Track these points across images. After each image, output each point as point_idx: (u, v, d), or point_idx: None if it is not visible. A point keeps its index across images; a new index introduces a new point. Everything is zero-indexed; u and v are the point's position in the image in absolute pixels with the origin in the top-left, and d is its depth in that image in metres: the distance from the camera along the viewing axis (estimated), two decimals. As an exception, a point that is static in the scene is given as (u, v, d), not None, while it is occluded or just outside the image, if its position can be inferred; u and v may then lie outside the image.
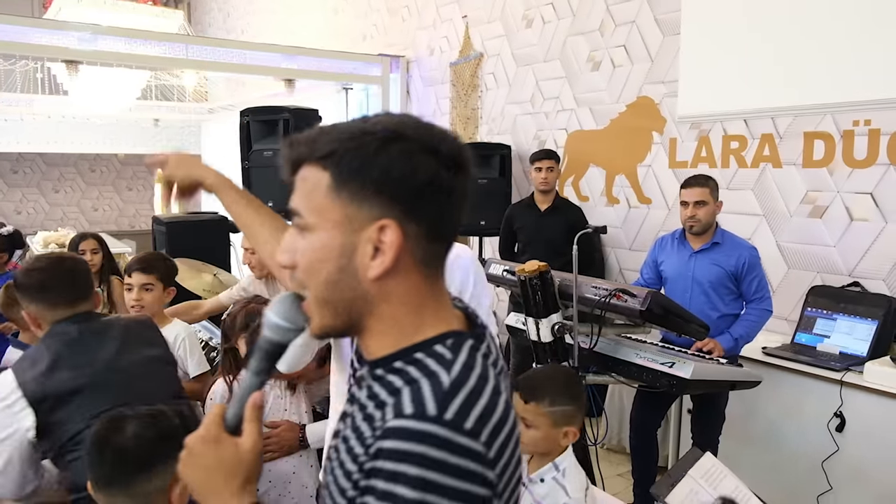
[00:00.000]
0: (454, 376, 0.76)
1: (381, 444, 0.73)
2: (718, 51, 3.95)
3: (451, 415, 0.73)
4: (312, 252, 0.81)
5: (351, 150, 0.78)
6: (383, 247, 0.78)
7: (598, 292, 2.68)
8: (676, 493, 1.94)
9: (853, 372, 3.05)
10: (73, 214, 12.54)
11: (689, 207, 3.17)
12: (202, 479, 0.85)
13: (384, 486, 0.71)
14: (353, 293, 0.80)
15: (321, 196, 0.79)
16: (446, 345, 0.80)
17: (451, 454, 0.71)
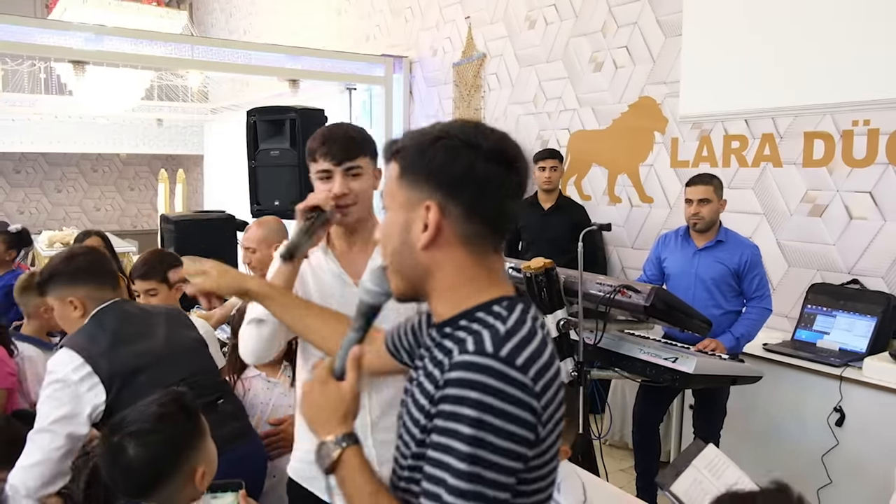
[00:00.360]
0: (509, 327, 0.95)
1: (448, 376, 0.91)
2: (719, 52, 4.01)
3: (505, 353, 0.91)
4: (386, 228, 1.03)
5: (412, 147, 1.00)
6: (428, 223, 0.97)
7: (602, 288, 2.73)
8: (681, 483, 1.99)
9: (852, 367, 3.10)
10: (76, 214, 12.58)
11: (693, 205, 3.23)
12: (315, 413, 1.06)
13: (450, 408, 0.89)
14: (411, 261, 1.01)
15: (393, 183, 1.02)
16: (502, 305, 0.99)
17: (504, 383, 0.89)
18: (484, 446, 0.87)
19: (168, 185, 8.78)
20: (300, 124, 4.30)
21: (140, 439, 1.37)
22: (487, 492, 0.88)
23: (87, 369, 1.81)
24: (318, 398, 1.06)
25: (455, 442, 0.88)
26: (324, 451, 1.02)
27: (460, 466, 0.87)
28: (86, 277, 1.96)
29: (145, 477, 1.38)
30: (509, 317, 0.96)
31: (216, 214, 4.91)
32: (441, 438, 0.90)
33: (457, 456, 0.87)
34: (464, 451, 0.87)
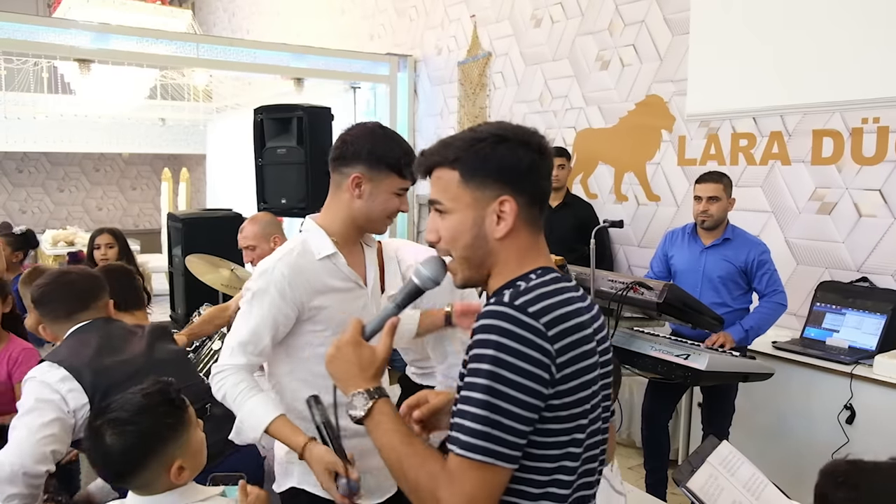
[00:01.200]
0: (530, 285, 1.10)
1: (475, 325, 1.08)
2: (727, 49, 4.00)
3: (519, 302, 1.06)
4: (454, 227, 1.16)
5: (472, 154, 1.14)
6: (504, 215, 1.14)
7: (614, 285, 2.73)
8: (697, 479, 1.99)
9: (863, 365, 3.10)
10: (78, 214, 12.57)
11: (703, 202, 3.22)
12: (345, 369, 1.19)
13: (475, 351, 1.06)
14: (483, 251, 1.16)
15: (455, 188, 1.15)
16: (536, 273, 1.15)
17: (517, 326, 1.04)
18: (498, 379, 1.02)
19: (171, 184, 8.77)
20: (307, 122, 4.29)
21: (117, 428, 1.40)
22: (500, 419, 1.01)
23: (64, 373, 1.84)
24: (350, 356, 1.19)
25: (478, 378, 1.03)
26: (357, 402, 1.15)
27: (479, 396, 1.02)
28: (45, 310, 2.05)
29: (119, 465, 1.41)
30: (536, 280, 1.12)
31: (224, 213, 4.90)
32: (468, 378, 1.05)
33: (478, 389, 1.02)
34: (482, 384, 1.02)
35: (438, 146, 1.18)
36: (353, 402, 1.16)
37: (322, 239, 1.74)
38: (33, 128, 9.80)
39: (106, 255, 3.56)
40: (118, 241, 3.63)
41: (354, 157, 1.71)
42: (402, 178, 1.73)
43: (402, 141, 1.79)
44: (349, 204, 1.74)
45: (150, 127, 10.48)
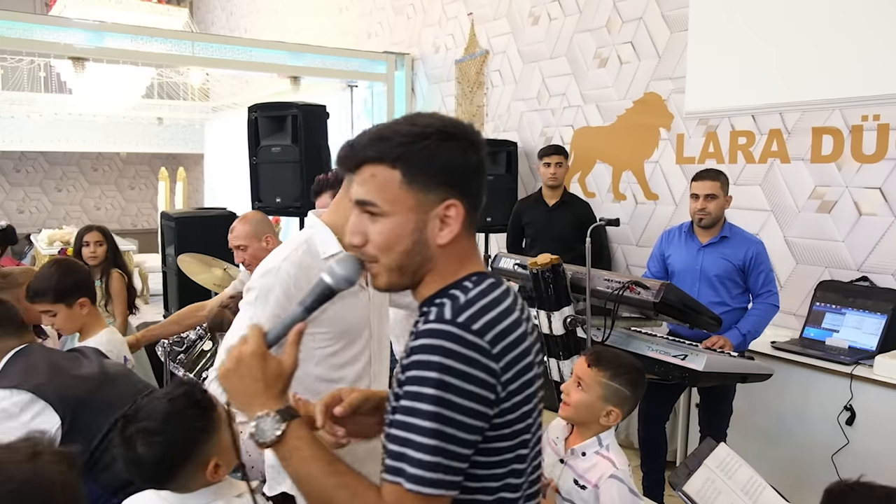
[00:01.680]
0: (469, 297, 1.03)
1: (413, 344, 0.99)
2: (726, 46, 3.96)
3: (462, 319, 0.99)
4: (391, 232, 1.04)
5: (416, 153, 1.02)
6: (449, 220, 1.05)
7: (610, 285, 2.69)
8: (694, 482, 1.95)
9: (863, 365, 3.06)
10: (76, 213, 12.54)
11: (700, 200, 3.18)
12: (248, 386, 1.04)
13: (415, 373, 0.97)
14: (422, 257, 1.06)
15: (395, 189, 1.03)
16: (471, 280, 1.07)
17: (462, 346, 0.97)
18: (446, 405, 0.94)
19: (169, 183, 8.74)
20: (302, 120, 4.26)
21: (147, 438, 1.37)
22: (449, 447, 0.95)
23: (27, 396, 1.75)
24: (253, 370, 1.04)
25: (420, 403, 0.95)
26: (264, 426, 1.01)
27: (427, 425, 0.94)
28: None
29: (152, 473, 1.39)
30: (473, 289, 1.05)
31: (217, 211, 4.87)
32: (407, 402, 0.96)
33: (423, 415, 0.94)
34: (429, 411, 0.94)
35: (372, 139, 1.05)
36: (259, 426, 1.01)
37: (328, 236, 1.70)
38: (30, 127, 9.77)
39: (95, 252, 3.52)
40: (107, 238, 3.59)
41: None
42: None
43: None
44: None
45: (147, 126, 10.46)
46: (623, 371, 1.80)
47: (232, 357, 1.06)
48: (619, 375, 1.79)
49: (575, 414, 1.80)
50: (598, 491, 1.73)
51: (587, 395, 1.78)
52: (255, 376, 1.04)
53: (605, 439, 1.79)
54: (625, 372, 1.80)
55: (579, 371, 1.82)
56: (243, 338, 1.07)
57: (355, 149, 1.05)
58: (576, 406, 1.79)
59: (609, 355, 1.85)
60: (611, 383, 1.78)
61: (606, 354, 1.85)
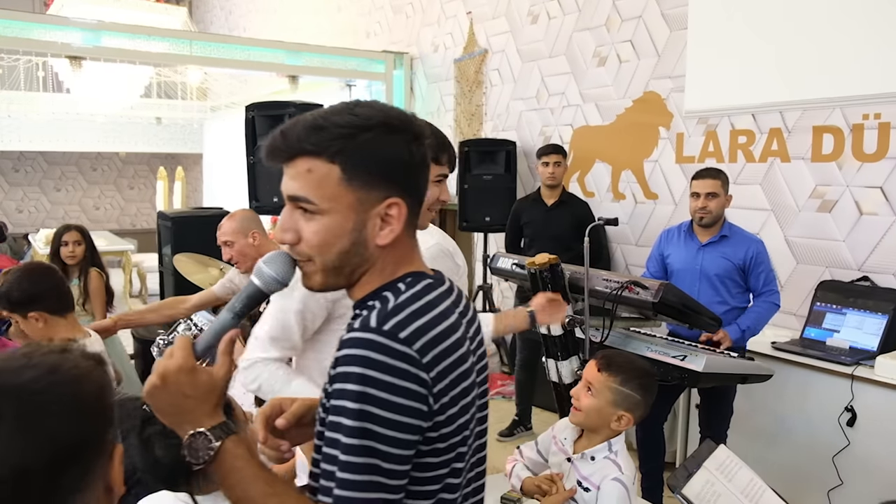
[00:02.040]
0: (399, 301, 0.96)
1: (337, 354, 0.93)
2: (726, 45, 3.94)
3: (388, 327, 0.92)
4: (328, 231, 0.96)
5: (358, 147, 0.94)
6: (390, 219, 0.98)
7: (609, 285, 2.66)
8: (693, 485, 1.92)
9: (864, 366, 3.04)
10: (75, 213, 12.52)
11: (701, 199, 3.16)
12: (177, 403, 0.95)
13: (338, 386, 0.90)
14: (360, 258, 0.99)
15: (333, 186, 0.95)
16: (405, 281, 1.00)
17: (386, 356, 0.89)
18: (371, 419, 0.88)
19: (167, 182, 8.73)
20: (299, 119, 4.23)
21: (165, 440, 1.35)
22: (381, 464, 0.88)
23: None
24: (183, 386, 0.95)
25: (343, 418, 0.89)
26: (199, 443, 0.94)
27: (350, 441, 0.88)
28: None
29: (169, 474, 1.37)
30: (406, 291, 0.98)
31: (214, 211, 4.85)
32: (333, 417, 0.90)
33: (345, 432, 0.88)
34: (351, 426, 0.88)
35: (307, 129, 0.95)
36: (190, 446, 0.94)
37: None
38: (29, 127, 9.76)
39: (74, 252, 3.53)
40: (85, 238, 3.59)
41: None
42: (437, 164, 1.71)
43: (436, 129, 1.76)
44: None
45: (146, 126, 10.44)
46: (634, 376, 1.77)
47: (157, 373, 0.96)
48: (630, 380, 1.76)
49: (586, 419, 1.78)
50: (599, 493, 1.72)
51: (597, 401, 1.75)
52: (184, 392, 0.95)
53: (615, 444, 1.77)
54: (636, 377, 1.77)
55: (589, 376, 1.79)
56: (169, 351, 0.98)
57: (289, 139, 0.96)
58: (587, 411, 1.76)
59: (620, 360, 1.82)
60: (622, 388, 1.75)
61: (617, 359, 1.82)
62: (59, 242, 3.57)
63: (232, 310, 1.03)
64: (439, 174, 1.71)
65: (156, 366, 0.97)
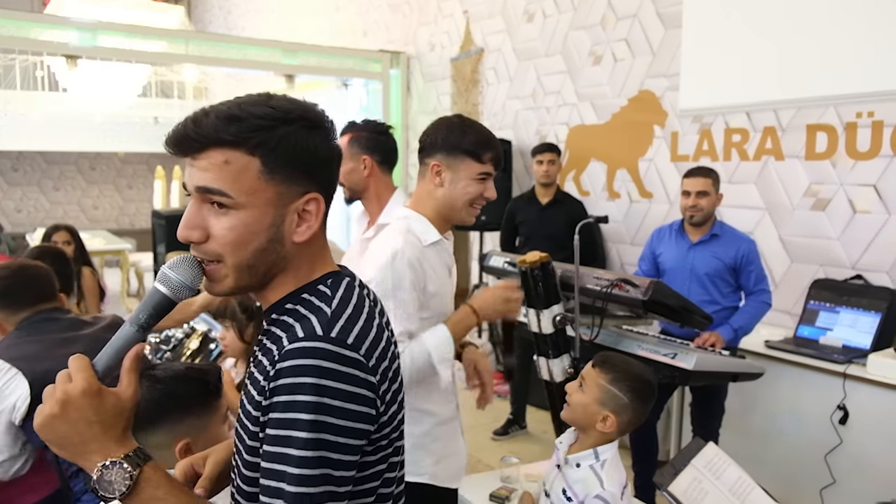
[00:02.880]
0: (334, 307, 0.92)
1: (280, 366, 0.86)
2: (720, 44, 3.93)
3: (335, 333, 0.88)
4: (244, 227, 0.90)
5: (279, 140, 0.90)
6: (308, 216, 0.94)
7: (599, 283, 2.66)
8: (679, 482, 1.92)
9: (856, 364, 3.03)
10: (74, 213, 12.53)
11: (692, 197, 3.16)
12: (81, 431, 0.86)
13: (286, 398, 0.84)
14: (275, 256, 0.94)
15: (252, 179, 0.90)
16: (326, 283, 0.97)
17: (338, 363, 0.86)
18: (326, 429, 0.84)
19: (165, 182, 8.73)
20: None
21: (150, 382, 1.43)
22: (333, 473, 0.85)
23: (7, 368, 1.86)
24: (86, 412, 0.85)
25: (295, 431, 0.84)
26: (113, 475, 0.85)
27: (304, 454, 0.83)
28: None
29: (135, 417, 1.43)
30: (334, 296, 0.95)
31: (209, 210, 4.85)
32: (279, 431, 0.85)
33: (298, 444, 0.83)
34: (305, 438, 0.83)
35: (222, 119, 0.89)
36: (103, 478, 0.85)
37: (427, 226, 1.78)
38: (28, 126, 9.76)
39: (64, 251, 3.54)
40: (74, 237, 3.61)
41: (432, 147, 1.78)
42: (480, 162, 1.77)
43: (481, 127, 1.82)
44: (433, 193, 1.79)
45: (144, 126, 10.45)
46: (626, 377, 1.73)
47: (55, 400, 0.85)
48: (620, 381, 1.72)
49: (572, 414, 1.75)
50: None
51: (585, 397, 1.73)
52: (88, 418, 0.85)
53: (602, 453, 1.71)
54: (627, 378, 1.72)
55: (584, 371, 1.77)
56: (64, 374, 0.88)
57: (203, 128, 0.89)
58: (573, 406, 1.74)
59: (617, 360, 1.78)
60: (609, 387, 1.71)
61: (615, 359, 1.78)
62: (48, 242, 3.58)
63: (136, 322, 0.92)
64: (483, 172, 1.77)
65: (50, 392, 0.87)
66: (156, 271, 5.04)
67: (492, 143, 1.79)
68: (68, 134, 10.08)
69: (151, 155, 12.29)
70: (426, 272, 1.73)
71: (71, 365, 0.88)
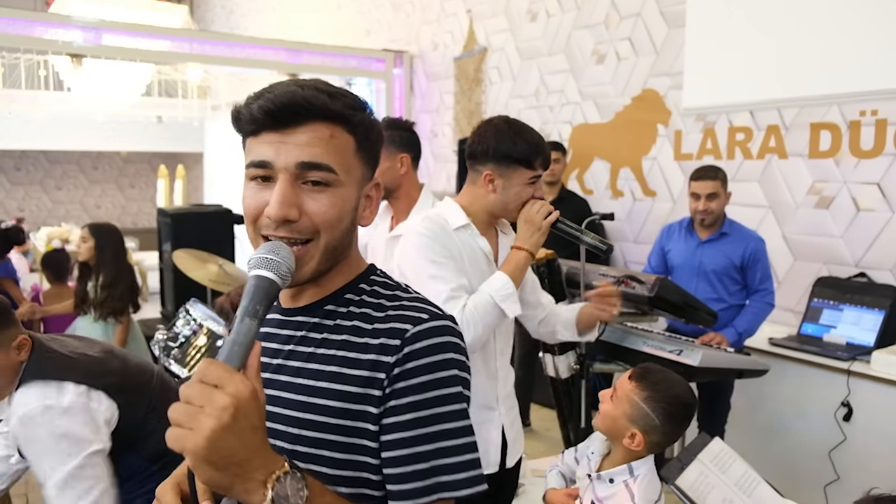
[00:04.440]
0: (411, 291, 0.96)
1: (412, 348, 0.86)
2: (724, 42, 3.95)
3: (447, 311, 0.93)
4: (343, 204, 0.90)
5: (367, 121, 0.93)
6: (370, 202, 0.97)
7: (606, 279, 2.67)
8: (686, 476, 1.93)
9: (860, 361, 3.04)
10: (76, 212, 12.55)
11: (702, 200, 3.14)
12: (247, 442, 0.72)
13: (428, 377, 0.85)
14: (350, 239, 0.94)
15: (350, 157, 0.91)
16: (377, 274, 0.99)
17: (458, 338, 0.91)
18: (465, 399, 0.89)
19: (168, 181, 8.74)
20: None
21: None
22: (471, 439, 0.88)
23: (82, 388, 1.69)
24: (253, 418, 0.72)
25: (448, 406, 0.86)
26: (287, 489, 0.74)
27: (462, 424, 0.86)
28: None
29: None
30: (399, 283, 0.98)
31: (213, 208, 4.87)
32: (426, 411, 0.85)
33: (455, 417, 0.86)
34: (460, 410, 0.87)
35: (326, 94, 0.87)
36: (280, 494, 0.73)
37: (457, 212, 1.82)
38: (31, 126, 9.78)
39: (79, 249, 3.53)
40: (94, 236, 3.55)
41: (483, 155, 1.81)
42: (531, 169, 1.81)
43: (530, 133, 1.85)
44: (485, 197, 1.83)
45: (147, 125, 10.47)
46: (662, 398, 1.58)
47: (219, 408, 0.70)
48: (655, 401, 1.57)
49: (601, 423, 1.65)
50: None
51: (614, 409, 1.61)
52: (255, 425, 0.73)
53: (637, 469, 1.60)
54: (664, 400, 1.58)
55: (619, 382, 1.65)
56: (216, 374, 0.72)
57: (312, 99, 0.86)
58: (602, 416, 1.64)
59: (658, 376, 1.63)
60: (642, 404, 1.58)
61: (655, 374, 1.63)
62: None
63: (251, 314, 0.80)
64: (534, 176, 1.82)
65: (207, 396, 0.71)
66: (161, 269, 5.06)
67: (541, 148, 1.83)
68: (71, 133, 10.10)
69: (154, 154, 12.32)
70: (450, 250, 1.75)
71: (217, 370, 0.72)
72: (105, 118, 9.68)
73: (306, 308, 0.95)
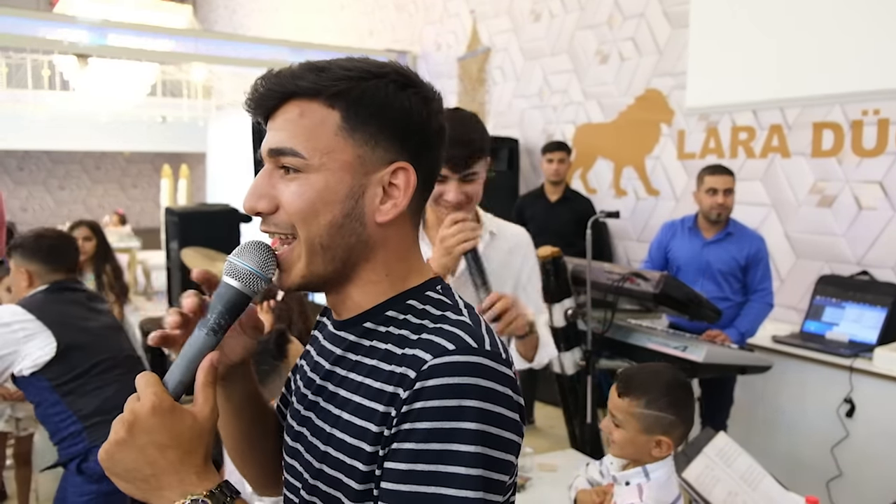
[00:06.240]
0: (468, 314, 0.77)
1: (423, 384, 0.69)
2: (727, 42, 3.97)
3: (488, 346, 0.72)
4: (315, 194, 0.75)
5: (365, 91, 0.75)
6: (394, 191, 0.77)
7: (611, 277, 2.70)
8: (692, 470, 1.96)
9: (863, 358, 3.07)
10: (79, 212, 12.57)
11: (720, 195, 3.17)
12: (151, 459, 0.69)
13: (434, 425, 0.68)
14: (355, 238, 0.77)
15: (328, 136, 0.75)
16: (437, 290, 0.81)
17: (499, 383, 0.70)
18: (489, 465, 0.68)
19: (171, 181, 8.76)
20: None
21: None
22: None
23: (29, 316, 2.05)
24: (157, 434, 0.69)
25: (452, 466, 0.67)
26: None
27: (465, 494, 0.67)
28: (42, 257, 2.20)
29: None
30: (456, 303, 0.79)
31: (220, 207, 4.90)
32: (425, 465, 0.68)
33: (457, 483, 0.67)
34: (466, 475, 0.67)
35: (303, 69, 0.76)
36: None
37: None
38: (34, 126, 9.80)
39: (83, 247, 3.57)
40: (96, 234, 3.63)
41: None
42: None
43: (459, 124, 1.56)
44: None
45: (150, 125, 10.48)
46: (660, 394, 1.52)
47: (121, 422, 0.70)
48: (656, 400, 1.51)
49: (623, 453, 1.56)
50: None
51: (627, 432, 1.52)
52: (160, 443, 0.69)
53: (652, 471, 1.53)
54: (663, 394, 1.52)
55: (612, 405, 1.56)
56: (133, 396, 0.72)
57: (281, 77, 0.76)
58: (620, 445, 1.54)
59: (640, 379, 1.56)
60: (649, 412, 1.51)
61: (637, 379, 1.56)
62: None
63: (206, 325, 0.75)
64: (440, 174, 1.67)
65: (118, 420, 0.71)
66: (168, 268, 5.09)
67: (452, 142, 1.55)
68: (74, 133, 10.12)
69: (157, 154, 12.36)
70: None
71: (138, 382, 0.72)
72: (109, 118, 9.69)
73: (348, 322, 0.81)
